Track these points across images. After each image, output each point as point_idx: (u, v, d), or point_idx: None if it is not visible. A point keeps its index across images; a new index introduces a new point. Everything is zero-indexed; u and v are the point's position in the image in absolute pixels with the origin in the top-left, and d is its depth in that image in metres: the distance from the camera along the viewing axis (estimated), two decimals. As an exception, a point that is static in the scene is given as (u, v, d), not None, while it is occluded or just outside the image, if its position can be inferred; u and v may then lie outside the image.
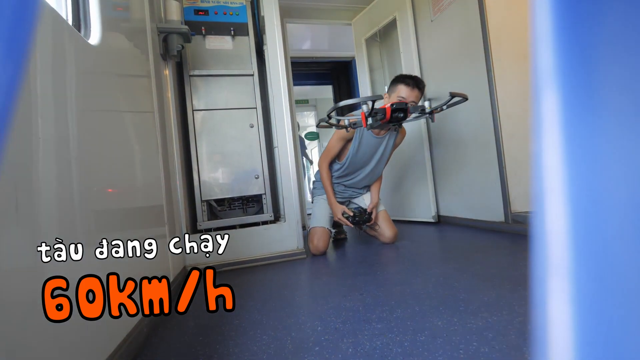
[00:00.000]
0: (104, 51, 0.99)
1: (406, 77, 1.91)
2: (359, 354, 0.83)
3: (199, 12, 2.09)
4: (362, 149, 2.04)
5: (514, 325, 0.89)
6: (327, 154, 2.09)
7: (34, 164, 0.60)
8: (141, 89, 1.36)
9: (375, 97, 1.47)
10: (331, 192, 2.10)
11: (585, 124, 0.17)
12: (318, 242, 1.99)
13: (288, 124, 2.03)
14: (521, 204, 2.06)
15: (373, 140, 2.03)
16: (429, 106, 1.73)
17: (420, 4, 2.72)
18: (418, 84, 1.89)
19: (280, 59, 2.03)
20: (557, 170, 0.17)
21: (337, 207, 2.09)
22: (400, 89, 1.89)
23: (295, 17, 3.31)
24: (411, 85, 1.87)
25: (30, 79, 0.61)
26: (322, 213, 2.12)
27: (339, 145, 2.06)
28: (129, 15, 1.33)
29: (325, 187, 2.11)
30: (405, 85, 1.88)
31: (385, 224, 2.12)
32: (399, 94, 1.86)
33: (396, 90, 1.90)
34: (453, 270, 1.40)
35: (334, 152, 2.08)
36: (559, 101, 0.17)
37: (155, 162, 1.42)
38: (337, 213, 2.07)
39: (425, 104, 1.73)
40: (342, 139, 2.05)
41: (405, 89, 1.87)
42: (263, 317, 1.12)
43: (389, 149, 2.10)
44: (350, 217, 2.05)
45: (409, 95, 1.85)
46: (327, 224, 2.09)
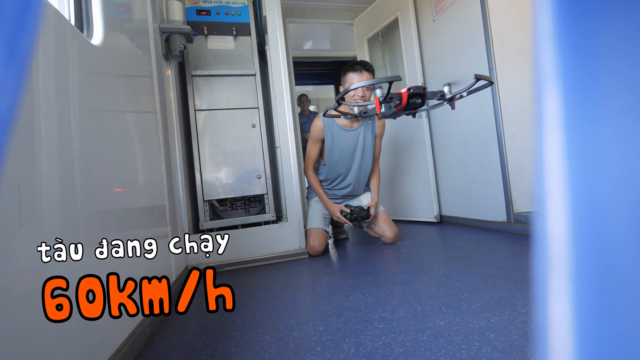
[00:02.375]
0: (106, 51, 1.00)
1: (352, 64, 1.88)
2: (361, 354, 0.83)
3: (201, 12, 2.09)
4: (336, 145, 2.01)
5: (516, 325, 0.88)
6: (308, 159, 2.08)
7: (36, 164, 0.60)
8: (143, 89, 1.36)
9: (394, 77, 1.30)
10: (323, 194, 2.09)
11: (587, 124, 0.17)
12: (314, 242, 1.98)
13: (290, 123, 2.03)
14: (523, 203, 2.05)
15: (345, 134, 2.00)
16: (449, 91, 1.55)
17: (422, 3, 2.71)
18: (366, 67, 1.85)
19: (282, 58, 2.03)
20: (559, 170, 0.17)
21: (333, 206, 2.07)
22: (351, 77, 1.85)
23: (297, 17, 3.31)
24: (359, 70, 1.83)
25: (33, 79, 0.61)
26: (315, 214, 2.12)
27: (315, 148, 2.05)
28: (131, 16, 1.33)
29: (316, 190, 2.10)
30: (353, 72, 1.85)
31: (386, 224, 2.10)
32: (351, 83, 1.81)
33: (347, 79, 1.87)
34: (455, 270, 1.40)
35: (313, 155, 2.06)
36: (560, 101, 0.17)
37: (158, 162, 1.42)
38: (335, 212, 2.06)
39: (445, 89, 1.56)
40: (316, 141, 2.03)
41: (355, 76, 1.83)
42: (265, 317, 1.13)
43: (369, 140, 2.06)
44: (347, 214, 2.04)
45: (360, 79, 1.82)
46: (322, 225, 2.08)
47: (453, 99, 1.53)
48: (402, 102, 1.44)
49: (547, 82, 0.18)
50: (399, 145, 2.98)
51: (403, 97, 1.43)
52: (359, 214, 2.04)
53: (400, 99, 1.44)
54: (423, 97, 1.45)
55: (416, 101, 1.45)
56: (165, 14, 1.84)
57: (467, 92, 1.49)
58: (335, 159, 2.04)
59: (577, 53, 0.17)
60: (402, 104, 1.44)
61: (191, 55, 2.06)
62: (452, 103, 1.55)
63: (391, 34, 3.10)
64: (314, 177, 2.12)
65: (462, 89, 1.49)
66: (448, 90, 1.53)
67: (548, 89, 0.17)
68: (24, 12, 0.18)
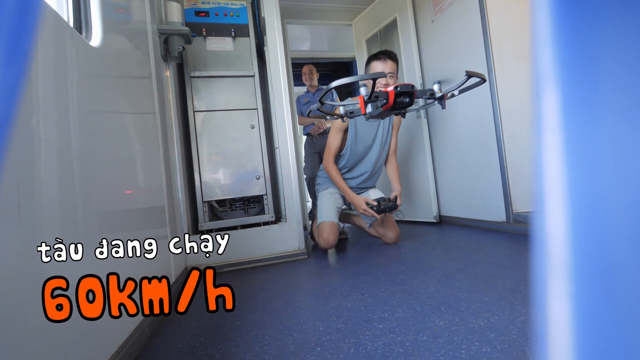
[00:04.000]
0: (105, 53, 1.00)
1: (376, 53, 1.87)
2: (361, 354, 0.83)
3: (199, 14, 2.10)
4: (359, 134, 2.00)
5: (516, 325, 0.89)
6: (329, 151, 2.05)
7: (36, 165, 0.60)
8: (142, 91, 1.36)
9: (377, 74, 1.22)
10: (346, 186, 2.03)
11: (586, 124, 0.17)
12: (328, 235, 1.97)
13: (289, 124, 2.03)
14: (523, 203, 2.06)
15: (369, 123, 1.99)
16: (439, 89, 1.49)
17: (420, 4, 2.72)
18: (389, 55, 1.84)
19: (281, 59, 2.03)
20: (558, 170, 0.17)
21: (358, 199, 2.00)
22: (375, 66, 1.84)
23: (296, 18, 3.32)
24: (383, 59, 1.83)
25: (32, 81, 0.61)
26: (328, 207, 2.08)
27: (338, 138, 2.01)
28: (130, 17, 1.33)
29: (338, 183, 2.05)
30: (377, 60, 1.84)
31: (388, 224, 2.10)
32: (375, 71, 1.81)
33: (371, 68, 1.86)
34: (454, 270, 1.40)
35: (335, 146, 2.02)
36: (559, 101, 0.17)
37: (157, 163, 1.43)
38: (361, 204, 1.98)
39: (435, 87, 1.49)
40: (339, 131, 2.00)
41: (379, 64, 1.82)
42: (264, 318, 1.13)
43: (386, 131, 2.05)
44: (374, 206, 1.95)
45: (385, 68, 1.81)
46: (335, 218, 2.05)
47: (443, 97, 1.46)
48: (389, 101, 1.38)
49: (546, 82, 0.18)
50: (398, 145, 2.98)
51: (390, 95, 1.37)
52: (387, 205, 1.95)
53: (386, 98, 1.38)
54: (411, 95, 1.39)
55: (404, 100, 1.39)
56: (164, 16, 1.84)
57: (458, 91, 1.43)
58: (358, 149, 2.02)
59: (576, 53, 0.17)
60: (389, 103, 1.38)
61: (190, 56, 2.06)
62: (443, 102, 1.48)
63: (390, 34, 3.11)
64: (335, 170, 2.06)
65: (452, 87, 1.43)
66: (438, 88, 1.46)
67: (547, 89, 0.18)
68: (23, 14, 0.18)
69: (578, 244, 0.16)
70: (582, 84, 0.17)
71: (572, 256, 0.16)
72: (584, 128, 0.17)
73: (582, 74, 0.17)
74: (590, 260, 0.16)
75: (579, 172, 0.16)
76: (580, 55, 0.17)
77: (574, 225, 0.16)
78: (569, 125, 0.17)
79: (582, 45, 0.17)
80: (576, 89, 0.17)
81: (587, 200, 0.16)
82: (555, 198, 0.17)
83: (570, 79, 0.17)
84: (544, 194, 0.17)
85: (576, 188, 0.16)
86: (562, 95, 0.17)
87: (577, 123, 0.17)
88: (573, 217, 0.16)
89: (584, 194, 0.16)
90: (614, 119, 0.16)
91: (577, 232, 0.16)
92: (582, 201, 0.16)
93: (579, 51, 0.17)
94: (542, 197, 0.17)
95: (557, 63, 0.17)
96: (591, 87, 0.17)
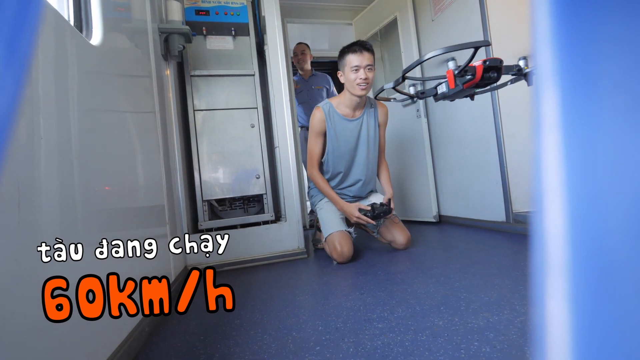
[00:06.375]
0: (105, 52, 1.00)
1: (350, 44, 1.75)
2: (360, 354, 0.83)
3: (199, 13, 2.09)
4: (340, 135, 1.85)
5: (515, 325, 0.89)
6: (311, 158, 1.91)
7: (35, 164, 0.60)
8: (142, 89, 1.36)
9: (481, 42, 1.13)
10: (334, 194, 1.89)
11: (585, 124, 0.17)
12: (342, 247, 1.74)
13: (289, 123, 2.03)
14: (522, 203, 2.06)
15: (348, 124, 1.86)
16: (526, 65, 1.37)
17: (421, 3, 2.71)
18: (365, 46, 1.71)
19: (281, 58, 2.03)
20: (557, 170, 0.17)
21: (349, 206, 1.85)
22: (350, 59, 1.71)
23: (296, 17, 3.31)
24: (359, 51, 1.70)
25: (33, 80, 0.61)
26: (332, 216, 1.90)
27: (319, 143, 1.88)
28: (130, 16, 1.33)
29: (325, 192, 1.90)
30: (352, 52, 1.71)
31: (396, 228, 1.91)
32: (351, 65, 1.70)
33: (346, 62, 1.73)
34: (454, 270, 1.40)
35: (316, 152, 1.89)
36: (558, 101, 0.17)
37: (157, 162, 1.42)
38: (354, 212, 1.83)
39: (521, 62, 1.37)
40: (317, 134, 1.86)
41: (355, 57, 1.69)
42: (264, 317, 1.13)
43: (373, 130, 1.90)
44: (368, 212, 1.82)
45: (362, 61, 1.68)
46: (343, 226, 1.86)
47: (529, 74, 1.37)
48: (475, 76, 1.30)
49: (546, 82, 0.18)
50: (398, 145, 2.98)
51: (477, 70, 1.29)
52: (380, 209, 1.82)
53: (474, 73, 1.30)
54: (499, 70, 1.31)
55: (492, 75, 1.30)
56: (164, 14, 1.84)
57: None
58: (340, 153, 1.88)
59: (575, 53, 0.17)
60: (476, 78, 1.30)
61: (190, 55, 2.06)
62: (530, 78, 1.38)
63: (390, 33, 3.10)
64: (320, 178, 1.91)
65: None
66: (524, 64, 1.37)
67: (546, 89, 0.18)
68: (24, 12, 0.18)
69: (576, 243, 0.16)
70: (581, 84, 0.17)
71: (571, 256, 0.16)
72: (583, 128, 0.17)
73: (581, 73, 0.17)
74: (588, 260, 0.16)
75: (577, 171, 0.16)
76: (580, 55, 0.17)
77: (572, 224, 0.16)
78: (568, 125, 0.17)
79: (582, 45, 0.17)
80: (575, 89, 0.17)
81: (585, 199, 0.16)
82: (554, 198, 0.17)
83: (569, 78, 0.17)
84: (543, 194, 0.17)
85: (575, 188, 0.16)
86: (561, 95, 0.17)
87: (576, 123, 0.17)
88: (572, 217, 0.16)
89: (582, 193, 0.16)
90: (612, 118, 0.16)
91: (576, 231, 0.16)
92: (581, 201, 0.16)
93: (578, 51, 0.17)
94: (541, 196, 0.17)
95: (557, 63, 0.17)
96: (590, 87, 0.17)
